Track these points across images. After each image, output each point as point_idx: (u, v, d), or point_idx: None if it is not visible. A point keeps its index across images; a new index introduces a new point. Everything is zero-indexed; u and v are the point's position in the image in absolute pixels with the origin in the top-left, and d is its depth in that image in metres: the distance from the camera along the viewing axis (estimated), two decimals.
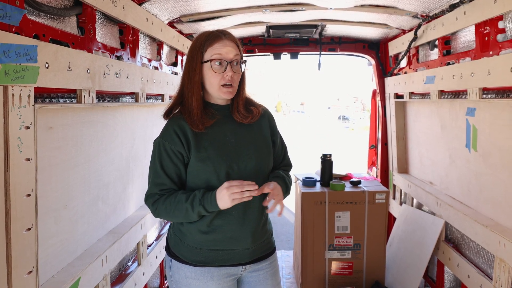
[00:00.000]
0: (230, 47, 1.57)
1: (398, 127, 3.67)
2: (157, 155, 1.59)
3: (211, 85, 1.58)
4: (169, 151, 1.57)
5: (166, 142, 1.57)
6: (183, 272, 1.63)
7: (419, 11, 2.64)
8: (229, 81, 1.57)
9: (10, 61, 1.19)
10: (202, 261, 1.62)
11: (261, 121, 1.72)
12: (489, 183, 2.29)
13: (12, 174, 1.23)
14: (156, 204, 1.58)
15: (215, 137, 1.60)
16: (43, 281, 1.52)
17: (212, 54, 1.55)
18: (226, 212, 1.58)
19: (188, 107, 1.60)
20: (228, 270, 1.64)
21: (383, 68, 3.88)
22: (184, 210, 1.53)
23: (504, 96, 2.05)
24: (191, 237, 1.62)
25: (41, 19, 1.48)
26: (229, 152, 1.59)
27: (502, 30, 1.98)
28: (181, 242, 1.65)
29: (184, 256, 1.63)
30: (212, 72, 1.56)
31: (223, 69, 1.56)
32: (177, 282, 1.65)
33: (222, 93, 1.58)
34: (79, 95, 1.63)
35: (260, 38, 3.92)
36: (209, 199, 1.51)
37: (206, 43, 1.57)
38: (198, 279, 1.61)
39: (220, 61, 1.55)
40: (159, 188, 1.59)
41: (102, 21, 1.96)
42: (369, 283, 3.08)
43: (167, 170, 1.58)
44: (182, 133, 1.57)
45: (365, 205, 3.00)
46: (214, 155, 1.56)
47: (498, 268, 2.05)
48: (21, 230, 1.29)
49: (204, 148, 1.57)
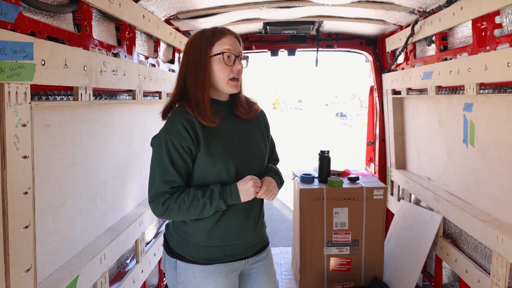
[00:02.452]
0: (237, 42, 1.62)
1: (396, 123, 3.67)
2: (165, 152, 1.53)
3: (220, 78, 1.58)
4: (179, 147, 1.52)
5: (174, 138, 1.52)
6: (191, 272, 1.61)
7: (416, 6, 2.64)
8: (236, 75, 1.60)
9: (6, 58, 1.18)
10: (210, 258, 1.61)
11: (257, 118, 1.76)
12: (486, 178, 2.30)
13: (9, 171, 1.22)
14: (168, 203, 1.52)
15: (221, 133, 1.60)
16: (41, 279, 1.52)
17: (222, 48, 1.57)
18: (234, 207, 1.60)
19: (196, 101, 1.56)
20: (233, 265, 1.66)
21: (380, 64, 3.88)
22: (201, 206, 1.51)
23: (501, 91, 2.05)
24: (198, 235, 1.61)
25: (37, 16, 1.47)
26: (235, 148, 1.61)
27: (499, 25, 1.98)
28: (186, 242, 1.63)
29: (191, 255, 1.62)
30: (223, 64, 1.57)
31: (232, 62, 1.58)
32: (184, 283, 1.62)
33: (230, 87, 1.60)
34: (76, 92, 1.62)
35: (257, 34, 3.92)
36: (229, 192, 1.53)
37: (214, 37, 1.58)
38: (207, 277, 1.61)
39: (230, 54, 1.58)
40: (170, 186, 1.53)
41: (98, 18, 1.95)
42: (368, 279, 3.09)
43: (177, 166, 1.53)
44: (191, 127, 1.53)
45: (363, 201, 3.00)
46: (223, 151, 1.57)
47: (495, 263, 2.06)
48: (19, 228, 1.28)
49: (213, 144, 1.56)
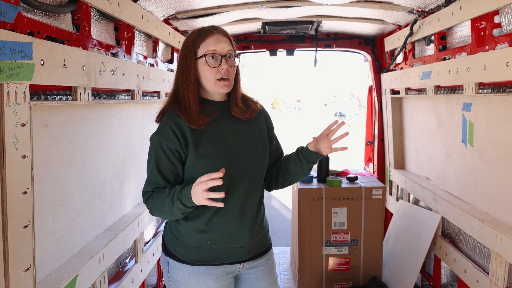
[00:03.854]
0: (223, 41, 1.57)
1: (395, 123, 3.68)
2: (154, 153, 1.57)
3: (207, 80, 1.57)
4: (166, 149, 1.55)
5: (163, 140, 1.55)
6: (181, 271, 1.62)
7: (415, 6, 2.65)
8: (225, 75, 1.56)
9: (5, 58, 1.18)
10: (201, 260, 1.61)
11: (258, 118, 1.71)
12: (485, 178, 2.30)
13: (8, 171, 1.22)
14: (149, 202, 1.57)
15: (213, 134, 1.59)
16: (40, 278, 1.51)
17: (206, 49, 1.55)
18: (225, 210, 1.57)
19: (184, 105, 1.58)
20: (226, 268, 1.63)
21: (379, 64, 3.88)
22: (166, 205, 1.49)
23: (500, 91, 2.06)
24: (188, 236, 1.60)
25: (36, 16, 1.47)
26: (227, 149, 1.58)
27: (498, 24, 1.98)
28: (178, 241, 1.63)
29: (182, 255, 1.62)
30: (208, 67, 1.55)
31: (218, 63, 1.55)
32: (175, 281, 1.64)
33: (219, 87, 1.57)
34: (75, 92, 1.62)
35: (256, 34, 3.92)
36: (186, 194, 1.45)
37: (198, 39, 1.57)
38: (197, 278, 1.60)
39: (214, 55, 1.55)
40: (153, 187, 1.57)
41: (97, 18, 1.94)
42: (366, 279, 3.10)
43: (162, 168, 1.56)
44: (179, 130, 1.55)
45: (362, 201, 3.01)
46: (213, 153, 1.56)
47: (494, 262, 2.07)
48: (18, 227, 1.28)
49: (202, 145, 1.56)
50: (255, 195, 1.62)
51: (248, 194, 1.60)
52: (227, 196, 1.55)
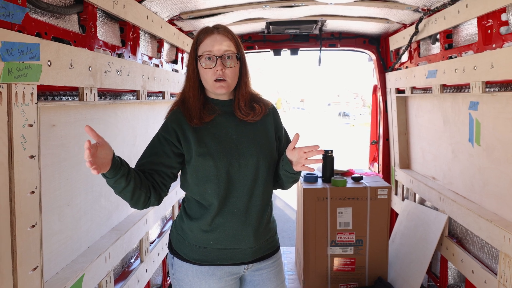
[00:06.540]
0: (221, 42, 1.56)
1: (400, 122, 3.66)
2: (150, 143, 1.63)
3: (205, 80, 1.59)
4: (162, 138, 1.59)
5: (162, 132, 1.61)
6: (185, 270, 1.62)
7: (420, 4, 2.63)
8: (220, 76, 1.55)
9: (13, 59, 1.19)
10: (204, 259, 1.61)
11: (265, 119, 1.68)
12: (493, 177, 2.28)
13: (16, 171, 1.23)
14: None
15: (216, 132, 1.59)
16: (48, 278, 1.52)
17: (203, 50, 1.57)
18: (228, 210, 1.57)
19: (187, 103, 1.62)
20: (230, 269, 1.63)
21: (384, 63, 3.87)
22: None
23: (507, 89, 2.04)
24: (192, 235, 1.61)
25: (43, 18, 1.48)
26: (230, 148, 1.58)
27: (505, 22, 1.97)
28: (182, 240, 1.64)
29: (185, 254, 1.63)
30: (203, 68, 1.57)
31: (213, 64, 1.55)
32: (179, 280, 1.65)
33: (215, 88, 1.58)
34: (81, 92, 1.63)
35: (260, 34, 3.92)
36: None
37: (198, 39, 1.60)
38: (200, 277, 1.60)
39: (210, 56, 1.55)
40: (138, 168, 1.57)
41: (103, 19, 1.95)
42: (372, 279, 3.09)
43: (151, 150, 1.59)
44: (179, 126, 1.58)
45: (367, 201, 3.00)
46: (215, 151, 1.56)
47: (502, 263, 2.05)
48: (26, 227, 1.29)
49: (204, 143, 1.56)
50: (259, 195, 1.60)
51: (251, 194, 1.59)
52: (229, 196, 1.57)
